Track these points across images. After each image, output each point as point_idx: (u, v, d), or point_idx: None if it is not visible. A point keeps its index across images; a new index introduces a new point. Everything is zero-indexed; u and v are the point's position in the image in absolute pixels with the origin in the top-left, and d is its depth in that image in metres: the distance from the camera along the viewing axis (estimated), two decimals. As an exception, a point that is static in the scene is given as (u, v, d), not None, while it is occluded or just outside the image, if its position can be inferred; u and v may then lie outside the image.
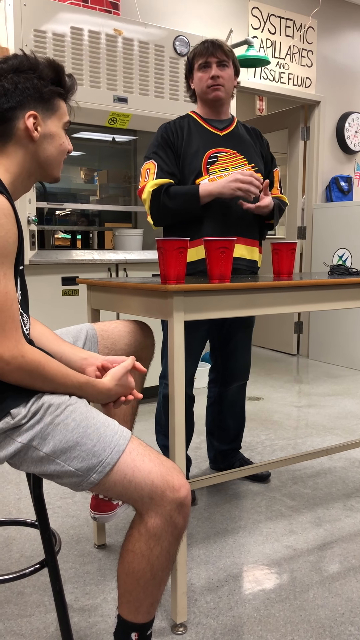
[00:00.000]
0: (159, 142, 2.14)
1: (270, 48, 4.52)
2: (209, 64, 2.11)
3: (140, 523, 1.16)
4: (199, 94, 2.19)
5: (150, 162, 2.12)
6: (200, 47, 2.13)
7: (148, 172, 2.10)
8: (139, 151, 4.19)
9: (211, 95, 2.14)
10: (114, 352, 1.54)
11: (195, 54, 2.15)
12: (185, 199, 2.02)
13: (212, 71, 2.11)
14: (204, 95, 2.16)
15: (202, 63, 2.12)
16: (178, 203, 2.03)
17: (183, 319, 1.44)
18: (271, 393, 3.93)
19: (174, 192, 2.03)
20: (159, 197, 2.04)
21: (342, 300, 1.75)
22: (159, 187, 2.04)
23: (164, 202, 2.03)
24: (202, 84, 2.14)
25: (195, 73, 2.16)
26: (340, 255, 4.69)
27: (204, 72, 2.13)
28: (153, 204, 2.06)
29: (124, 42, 3.22)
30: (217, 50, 2.10)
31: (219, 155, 2.13)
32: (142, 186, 2.09)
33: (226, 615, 1.60)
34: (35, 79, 1.21)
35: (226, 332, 2.33)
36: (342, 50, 4.99)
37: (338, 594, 1.69)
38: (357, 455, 2.79)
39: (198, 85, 2.16)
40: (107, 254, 3.38)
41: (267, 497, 2.34)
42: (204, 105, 2.21)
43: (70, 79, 1.28)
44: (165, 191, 2.04)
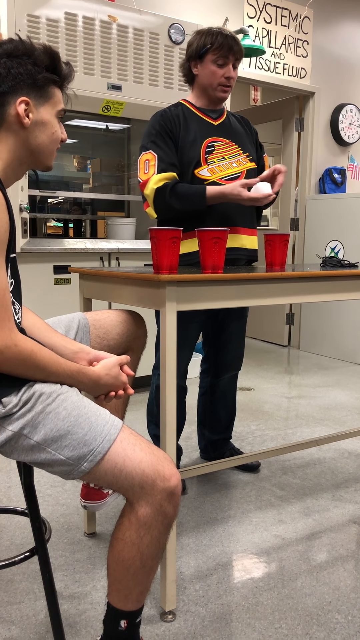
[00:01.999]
0: (156, 131, 2.07)
1: (266, 38, 4.50)
2: (227, 62, 2.06)
3: (130, 512, 1.16)
4: (204, 85, 2.11)
5: (149, 153, 2.06)
6: (221, 40, 2.02)
7: (147, 164, 2.04)
8: (133, 140, 4.17)
9: (219, 94, 2.11)
10: (106, 342, 1.54)
11: (213, 44, 2.03)
12: (192, 200, 1.99)
13: (228, 71, 2.07)
14: (212, 90, 2.11)
15: (219, 58, 2.05)
16: (184, 204, 2.00)
17: (175, 309, 1.43)
18: (262, 384, 3.94)
19: (181, 192, 1.99)
20: (164, 196, 1.99)
21: (334, 292, 1.76)
22: (164, 186, 1.99)
23: (170, 202, 1.99)
24: (214, 79, 2.08)
25: (208, 64, 2.06)
26: (332, 247, 4.70)
27: (219, 68, 2.06)
28: (157, 202, 2.02)
29: (118, 29, 3.19)
30: (237, 50, 2.05)
31: (216, 145, 2.12)
32: (145, 180, 2.04)
33: (215, 603, 1.61)
34: (30, 65, 1.19)
35: (220, 322, 2.33)
36: (337, 41, 4.97)
37: (326, 583, 1.71)
38: (346, 446, 2.81)
39: (208, 77, 2.08)
40: (100, 242, 3.37)
41: (256, 487, 2.35)
42: (203, 97, 2.15)
43: (68, 67, 1.26)
44: (172, 190, 1.99)
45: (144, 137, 2.12)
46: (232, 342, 2.37)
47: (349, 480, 2.42)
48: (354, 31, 5.06)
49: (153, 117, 2.14)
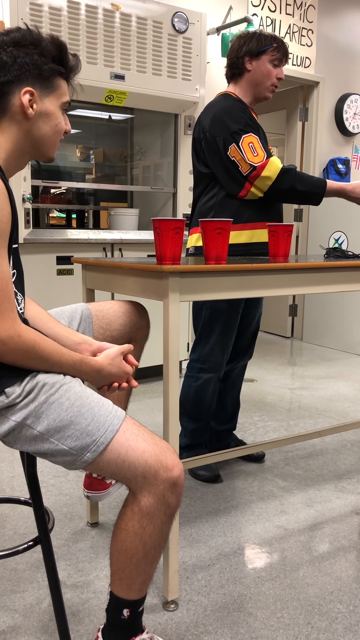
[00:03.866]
0: (249, 117, 2.12)
1: (270, 26, 4.46)
2: (281, 64, 2.18)
3: (133, 502, 1.17)
4: (256, 81, 2.18)
5: (250, 136, 2.07)
6: (281, 43, 2.16)
7: (253, 147, 2.06)
8: (136, 130, 4.14)
9: (267, 94, 2.21)
10: (109, 333, 1.54)
11: (274, 45, 2.14)
12: (313, 187, 2.06)
13: (280, 72, 2.19)
14: (263, 89, 2.19)
15: (277, 59, 2.16)
16: (306, 187, 2.06)
17: (179, 299, 1.43)
18: (265, 375, 3.94)
19: (304, 177, 2.07)
20: (292, 177, 2.05)
21: (338, 284, 1.75)
22: (289, 167, 2.05)
23: (293, 184, 2.05)
24: (270, 79, 2.18)
25: (265, 63, 2.15)
26: (336, 238, 4.68)
27: (275, 68, 2.17)
28: (281, 181, 2.05)
29: (121, 18, 3.16)
30: (288, 54, 2.20)
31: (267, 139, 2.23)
32: (262, 162, 2.04)
33: (217, 592, 1.62)
34: (36, 55, 1.18)
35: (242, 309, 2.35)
36: (342, 30, 4.93)
37: (327, 573, 1.71)
38: (348, 437, 2.82)
39: (263, 75, 2.16)
40: (103, 233, 3.36)
41: (259, 477, 2.36)
42: (249, 93, 2.21)
43: (75, 58, 1.24)
44: (294, 173, 2.05)
45: (231, 122, 2.08)
46: (250, 327, 2.41)
47: (351, 471, 2.43)
48: (359, 20, 5.01)
49: (228, 102, 2.13)
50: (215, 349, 2.24)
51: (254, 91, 2.19)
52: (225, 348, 2.26)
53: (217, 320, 2.20)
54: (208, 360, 2.26)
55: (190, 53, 3.45)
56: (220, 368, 2.29)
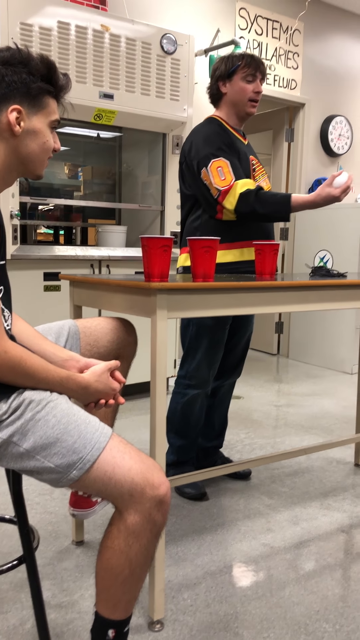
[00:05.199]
0: (221, 141, 2.13)
1: (257, 49, 4.54)
2: (256, 78, 2.18)
3: (119, 520, 1.16)
4: (234, 102, 2.21)
5: (220, 160, 2.09)
6: (249, 59, 2.17)
7: (221, 171, 2.08)
8: (124, 148, 4.18)
9: (249, 109, 2.22)
10: (96, 349, 1.54)
11: (242, 63, 2.16)
12: (276, 207, 2.05)
13: (257, 86, 2.18)
14: (242, 106, 2.21)
15: (249, 75, 2.17)
16: (268, 209, 2.05)
17: (166, 316, 1.44)
18: (251, 392, 3.95)
19: (266, 198, 2.05)
20: (248, 201, 2.05)
21: (323, 302, 1.77)
22: (247, 192, 2.05)
23: (254, 207, 2.05)
24: (245, 95, 2.18)
25: (238, 82, 2.18)
26: (321, 257, 4.73)
27: (249, 84, 2.18)
28: (241, 207, 2.06)
29: (111, 38, 3.21)
30: (264, 68, 2.19)
31: (254, 163, 2.24)
32: (226, 186, 2.06)
33: (203, 612, 1.61)
34: (25, 74, 1.19)
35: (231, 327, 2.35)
36: (327, 53, 5.03)
37: (313, 592, 1.71)
38: (334, 454, 2.82)
39: (238, 94, 2.19)
40: (90, 250, 3.37)
41: (245, 495, 2.36)
42: (233, 114, 2.24)
43: (65, 78, 1.26)
44: (256, 196, 2.05)
45: (204, 146, 2.13)
46: (240, 345, 2.41)
47: (337, 488, 2.43)
48: (343, 44, 5.12)
49: (205, 128, 2.19)
50: (202, 365, 2.24)
51: (235, 111, 2.23)
52: (212, 364, 2.26)
53: (204, 336, 2.22)
54: (195, 377, 2.26)
55: (178, 74, 3.50)
56: (207, 384, 2.29)
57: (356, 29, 5.17)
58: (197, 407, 2.30)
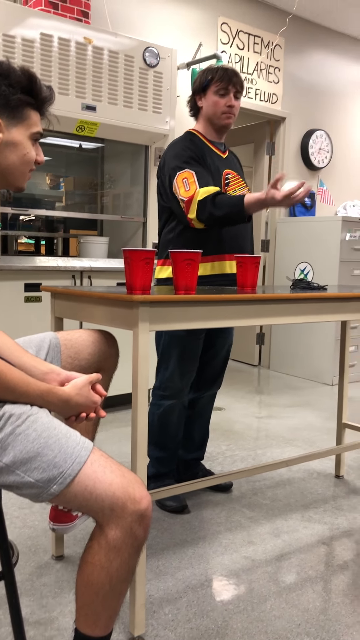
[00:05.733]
0: (188, 155, 2.16)
1: (239, 63, 4.60)
2: (228, 92, 2.20)
3: (100, 535, 1.15)
4: (209, 115, 2.25)
5: (186, 172, 2.12)
6: (222, 73, 2.20)
7: (187, 182, 2.10)
8: (107, 159, 4.19)
9: (224, 122, 2.24)
10: (77, 362, 1.53)
11: (214, 77, 2.20)
12: (231, 208, 2.06)
13: (229, 100, 2.21)
14: (216, 119, 2.24)
15: (221, 89, 2.20)
16: (224, 211, 2.06)
17: (148, 329, 1.44)
18: (233, 403, 3.96)
19: (221, 201, 2.06)
20: (205, 207, 2.06)
21: (304, 315, 1.78)
22: (205, 198, 2.06)
23: (211, 211, 2.06)
24: (218, 109, 2.22)
25: (211, 95, 2.21)
26: (302, 269, 4.77)
27: (221, 98, 2.20)
28: (200, 213, 2.08)
29: (93, 51, 3.22)
30: (237, 80, 2.21)
31: (230, 177, 2.25)
32: (189, 197, 2.08)
33: (184, 627, 1.60)
34: (4, 86, 1.19)
35: (209, 337, 2.35)
36: (307, 68, 5.11)
37: (295, 605, 1.71)
38: (315, 466, 2.83)
39: (211, 107, 2.22)
40: (72, 261, 3.36)
41: (227, 508, 2.35)
42: (210, 127, 2.28)
43: (49, 90, 1.26)
44: (212, 200, 2.06)
45: (172, 160, 2.18)
46: (219, 356, 2.41)
47: (317, 500, 2.44)
48: (323, 59, 5.21)
49: (177, 142, 2.23)
50: (174, 375, 2.24)
51: (211, 123, 2.26)
52: (185, 374, 2.26)
53: (175, 346, 2.22)
54: (168, 387, 2.26)
55: (160, 87, 3.53)
56: (181, 394, 2.28)
57: (336, 45, 5.26)
58: (174, 417, 2.30)
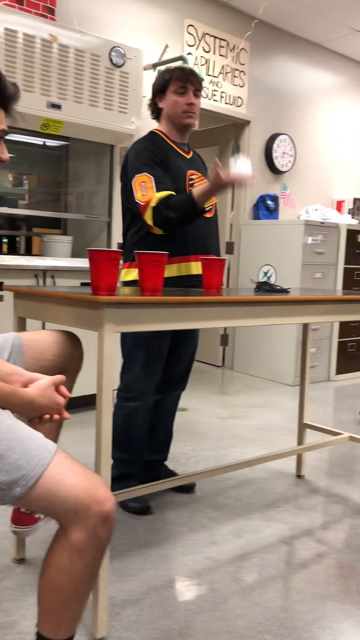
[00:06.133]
0: (148, 156, 2.15)
1: (204, 66, 4.62)
2: (187, 90, 2.20)
3: (63, 537, 1.14)
4: (169, 115, 2.24)
5: (143, 175, 2.11)
6: (179, 72, 2.20)
7: (144, 186, 2.09)
8: (71, 157, 4.15)
9: (185, 121, 2.23)
10: (41, 363, 1.51)
11: (172, 77, 2.20)
12: (184, 207, 2.05)
13: (189, 98, 2.20)
14: (177, 119, 2.23)
15: (179, 88, 2.19)
16: (179, 212, 2.06)
17: (114, 330, 1.43)
18: (196, 404, 3.97)
19: (173, 202, 2.06)
20: (160, 212, 2.06)
21: (268, 317, 1.81)
22: (159, 203, 2.06)
23: (167, 215, 2.06)
24: (178, 108, 2.21)
25: (170, 95, 2.21)
26: (265, 271, 4.83)
27: (180, 97, 2.20)
28: (157, 220, 2.08)
29: (59, 48, 3.19)
30: (195, 79, 2.21)
31: (194, 178, 2.25)
32: (145, 202, 2.08)
33: (147, 628, 1.60)
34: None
35: (174, 339, 2.35)
36: (272, 73, 5.17)
37: (256, 604, 1.73)
38: (277, 466, 2.87)
39: (172, 107, 2.22)
40: (35, 260, 3.32)
41: (190, 508, 2.36)
42: (172, 128, 2.27)
43: (14, 87, 1.25)
44: (166, 203, 2.06)
45: (133, 161, 2.17)
46: (184, 358, 2.42)
47: (279, 500, 2.47)
48: (288, 64, 5.28)
49: (139, 142, 2.22)
50: (139, 378, 2.24)
51: (173, 123, 2.26)
52: (149, 376, 2.26)
53: (140, 348, 2.22)
54: (133, 389, 2.26)
55: (127, 87, 3.52)
56: (146, 397, 2.28)
57: (300, 51, 5.34)
58: (138, 420, 2.30)
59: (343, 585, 1.84)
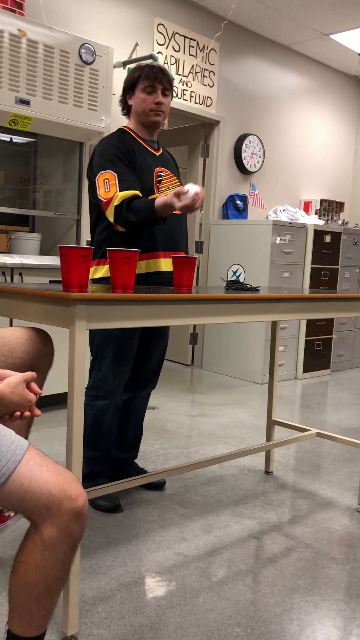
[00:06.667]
0: (114, 153, 2.14)
1: (174, 65, 4.63)
2: (155, 89, 2.20)
3: (35, 534, 1.14)
4: (138, 113, 2.25)
5: (108, 172, 2.11)
6: (148, 71, 2.20)
7: (108, 183, 2.09)
8: (39, 154, 4.11)
9: (152, 119, 2.24)
10: (10, 360, 1.50)
11: (141, 75, 2.20)
12: (144, 213, 2.05)
13: (157, 97, 2.21)
14: (145, 117, 2.24)
15: (148, 86, 2.20)
16: (138, 217, 2.06)
17: (85, 327, 1.43)
18: (166, 402, 3.98)
19: (134, 206, 2.06)
20: (121, 212, 2.06)
21: (238, 315, 1.83)
22: (120, 203, 2.05)
23: (127, 217, 2.06)
24: (146, 106, 2.22)
25: (139, 93, 2.22)
26: (234, 270, 4.87)
27: (149, 95, 2.21)
28: (117, 218, 2.08)
29: (28, 44, 3.16)
30: (164, 78, 2.21)
31: (162, 175, 2.25)
32: (107, 199, 2.08)
33: (117, 624, 1.60)
34: None
35: (144, 337, 2.35)
36: (242, 74, 5.22)
37: (226, 598, 1.75)
38: (245, 463, 2.90)
39: (140, 105, 2.23)
40: (2, 257, 3.28)
41: (160, 505, 2.37)
42: (140, 125, 2.28)
43: None
44: (127, 206, 2.05)
45: (98, 157, 2.17)
46: (154, 356, 2.42)
47: (248, 496, 2.50)
48: (257, 66, 5.33)
49: (105, 139, 2.22)
50: (108, 376, 2.24)
51: (141, 120, 2.27)
52: (118, 374, 2.26)
53: (109, 346, 2.22)
54: (102, 387, 2.26)
55: (96, 84, 3.51)
56: (115, 395, 2.28)
57: (269, 53, 5.40)
58: (107, 417, 2.29)
59: (311, 578, 1.87)
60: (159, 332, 2.40)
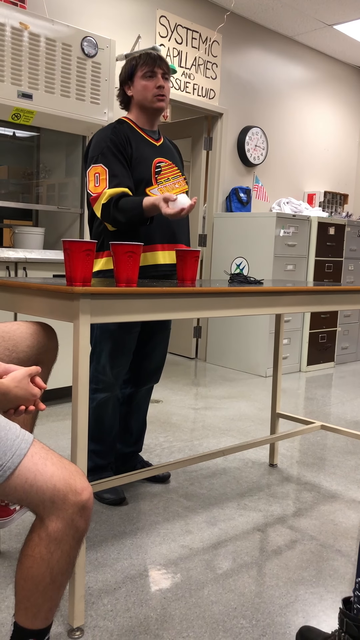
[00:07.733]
0: (107, 145, 2.12)
1: (177, 57, 4.61)
2: (155, 74, 2.17)
3: (40, 527, 1.14)
4: (140, 101, 2.21)
5: (99, 166, 2.09)
6: (145, 57, 2.18)
7: (98, 177, 2.07)
8: (42, 148, 4.11)
9: (156, 104, 2.20)
10: (15, 354, 1.51)
11: (139, 62, 2.18)
12: (132, 212, 2.04)
13: (158, 81, 2.18)
14: (149, 103, 2.20)
15: (147, 72, 2.17)
16: (127, 216, 2.04)
17: (89, 321, 1.44)
18: (170, 396, 3.99)
19: (122, 205, 2.04)
20: (109, 211, 2.05)
21: (243, 308, 1.83)
22: (108, 201, 2.04)
23: (115, 216, 2.05)
24: (148, 92, 2.18)
25: (139, 81, 2.19)
26: (238, 263, 4.86)
27: (149, 81, 2.18)
28: (104, 217, 2.07)
29: (30, 37, 3.15)
30: (162, 62, 2.19)
31: (162, 166, 2.22)
32: (96, 194, 2.07)
33: (123, 616, 1.61)
34: None
35: (146, 332, 2.35)
36: (244, 66, 5.19)
37: (231, 590, 1.76)
38: (250, 455, 2.91)
39: (141, 93, 2.19)
40: (6, 251, 3.28)
41: (164, 498, 2.38)
42: (143, 114, 2.24)
43: None
44: (115, 204, 2.03)
45: (92, 150, 2.14)
46: (156, 351, 2.41)
47: (252, 489, 2.51)
48: (260, 57, 5.30)
49: (101, 131, 2.19)
50: (106, 369, 2.24)
51: (144, 110, 2.23)
52: (116, 367, 2.25)
53: (106, 340, 2.22)
54: (100, 380, 2.26)
55: (99, 77, 3.49)
56: (114, 388, 2.29)
57: (272, 44, 5.37)
58: (108, 410, 2.30)
59: (315, 570, 1.88)
60: (161, 326, 2.39)
